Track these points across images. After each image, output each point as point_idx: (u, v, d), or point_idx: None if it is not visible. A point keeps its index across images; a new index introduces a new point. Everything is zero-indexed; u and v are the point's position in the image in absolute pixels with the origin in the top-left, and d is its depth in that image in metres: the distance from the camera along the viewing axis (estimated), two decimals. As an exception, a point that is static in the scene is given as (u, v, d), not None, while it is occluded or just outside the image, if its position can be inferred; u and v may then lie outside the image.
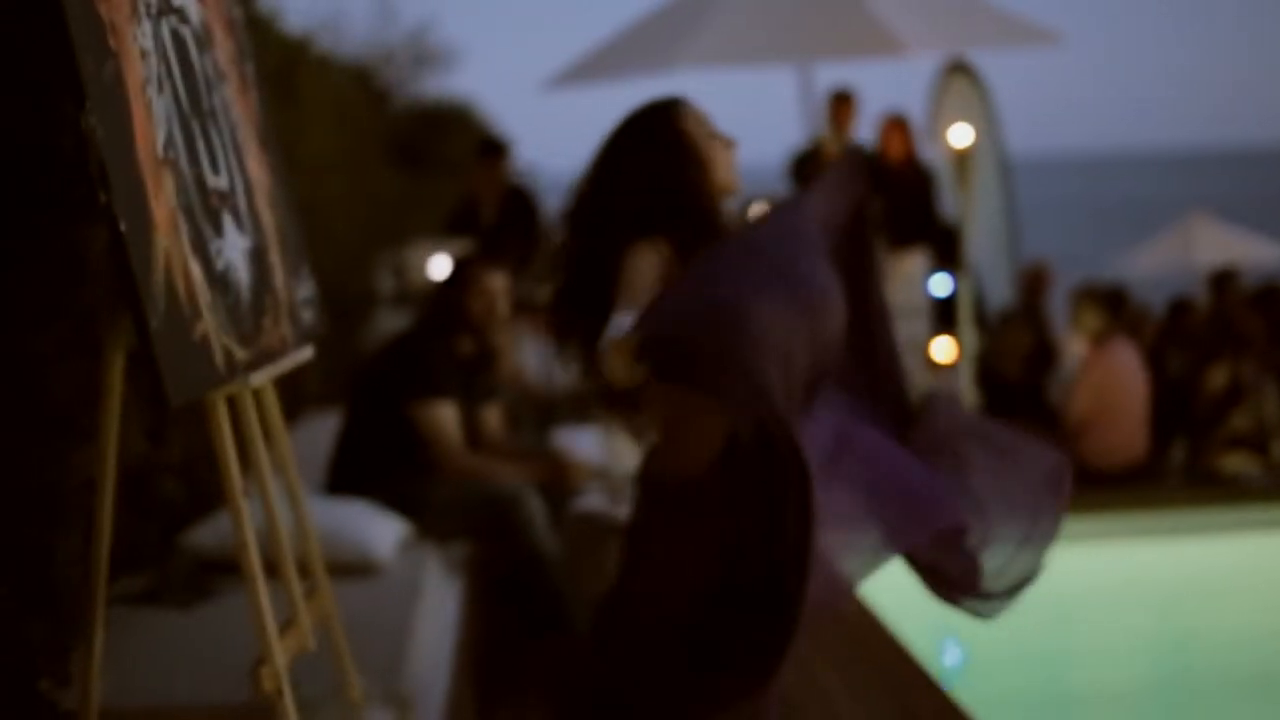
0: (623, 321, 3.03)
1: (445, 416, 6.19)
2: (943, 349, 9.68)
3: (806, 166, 10.68)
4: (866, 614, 5.83)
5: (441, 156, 18.03)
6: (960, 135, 9.88)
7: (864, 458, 3.26)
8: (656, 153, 3.38)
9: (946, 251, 10.27)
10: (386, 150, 14.76)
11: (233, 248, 3.67)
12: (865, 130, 11.15)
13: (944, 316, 10.04)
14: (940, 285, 10.25)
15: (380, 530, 5.59)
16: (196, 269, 3.36)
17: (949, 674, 6.47)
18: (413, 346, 6.38)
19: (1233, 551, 8.49)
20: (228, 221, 3.68)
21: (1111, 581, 7.98)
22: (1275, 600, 7.83)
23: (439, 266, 8.64)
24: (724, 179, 3.43)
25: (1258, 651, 7.11)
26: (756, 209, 3.50)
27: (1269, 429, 9.39)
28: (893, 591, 3.77)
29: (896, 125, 10.90)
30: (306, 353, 4.16)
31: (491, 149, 10.93)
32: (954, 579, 3.35)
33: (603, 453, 6.97)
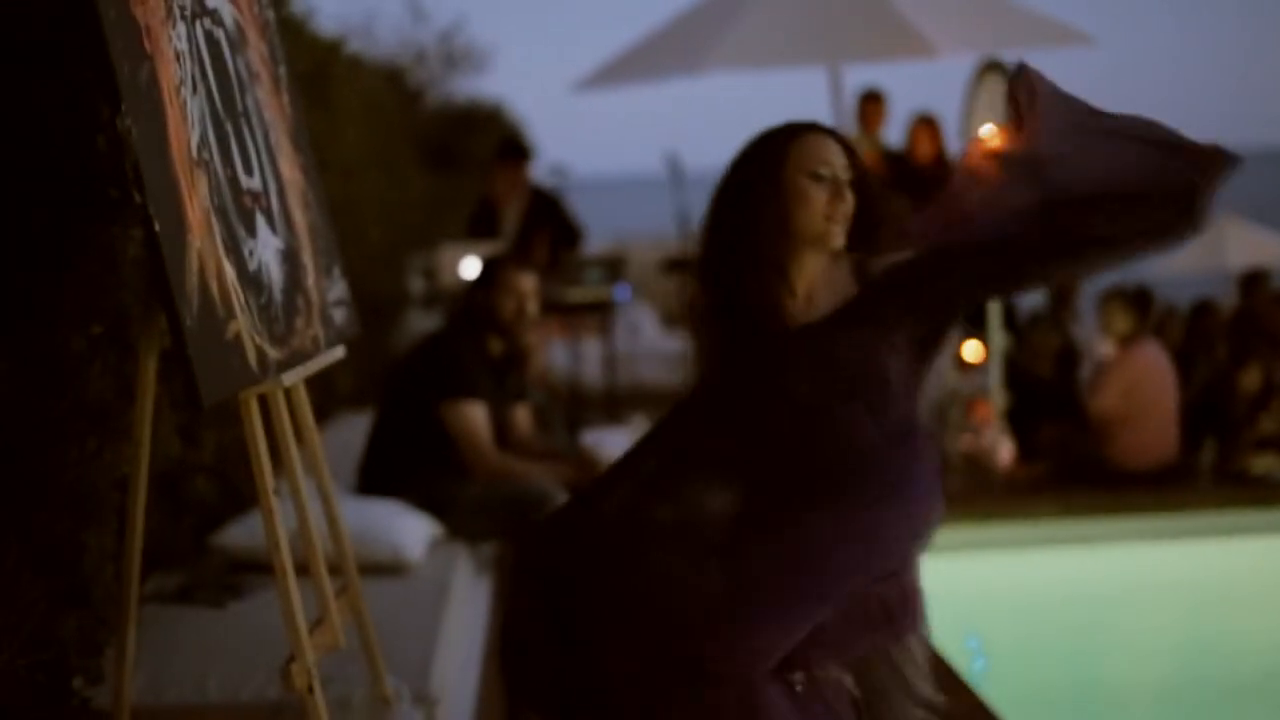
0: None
1: (475, 417, 6.21)
2: (971, 350, 9.66)
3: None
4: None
5: (473, 157, 18.04)
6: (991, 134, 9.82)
7: None
8: (725, 194, 3.07)
9: (976, 252, 10.21)
10: (418, 151, 14.78)
11: (265, 248, 3.69)
12: (895, 130, 11.13)
13: (972, 318, 10.01)
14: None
15: (410, 530, 5.61)
16: (230, 269, 3.39)
17: (977, 674, 6.46)
18: (443, 347, 6.40)
19: (1262, 553, 8.45)
20: (261, 222, 3.70)
21: (1140, 583, 7.96)
22: (1305, 603, 7.80)
23: (469, 267, 8.65)
24: (809, 227, 3.00)
25: (1288, 654, 7.08)
26: None
27: (1299, 430, 9.33)
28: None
29: (925, 124, 10.88)
30: (338, 353, 4.18)
31: (512, 151, 10.75)
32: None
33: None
